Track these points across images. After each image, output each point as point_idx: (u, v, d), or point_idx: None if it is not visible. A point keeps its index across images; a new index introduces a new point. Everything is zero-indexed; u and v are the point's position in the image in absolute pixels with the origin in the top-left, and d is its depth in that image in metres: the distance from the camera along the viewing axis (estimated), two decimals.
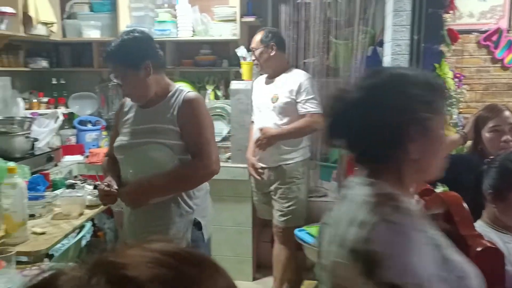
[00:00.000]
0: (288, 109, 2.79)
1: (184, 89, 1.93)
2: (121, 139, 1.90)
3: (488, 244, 1.28)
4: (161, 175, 1.80)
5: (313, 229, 2.75)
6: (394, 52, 2.72)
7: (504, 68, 3.58)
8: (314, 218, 3.08)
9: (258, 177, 2.91)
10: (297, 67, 3.24)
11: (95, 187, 2.18)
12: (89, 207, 2.14)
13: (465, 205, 1.41)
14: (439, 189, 2.23)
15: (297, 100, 2.76)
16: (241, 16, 3.39)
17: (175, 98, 1.87)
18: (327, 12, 3.43)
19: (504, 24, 3.51)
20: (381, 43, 3.24)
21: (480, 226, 1.60)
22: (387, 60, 2.85)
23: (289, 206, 2.83)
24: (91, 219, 2.25)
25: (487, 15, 3.54)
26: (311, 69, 3.42)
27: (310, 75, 3.05)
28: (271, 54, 2.81)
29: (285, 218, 2.84)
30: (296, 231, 2.83)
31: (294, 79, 2.80)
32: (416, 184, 1.19)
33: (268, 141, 2.76)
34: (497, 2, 3.50)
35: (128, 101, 1.98)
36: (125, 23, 3.38)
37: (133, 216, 1.87)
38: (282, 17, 3.46)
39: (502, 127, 1.95)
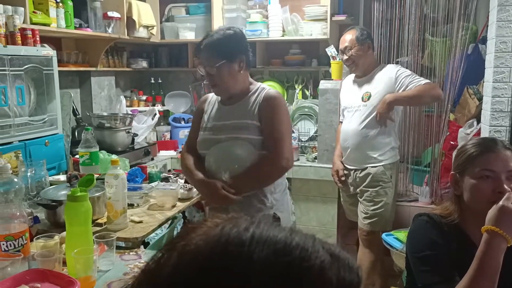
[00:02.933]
0: None
1: (266, 87, 1.99)
2: (204, 135, 1.99)
3: None
4: (243, 174, 1.88)
5: (401, 234, 2.64)
6: (499, 49, 2.52)
7: None
8: (403, 222, 2.97)
9: (339, 184, 2.90)
10: None
11: (186, 181, 2.29)
12: (181, 200, 2.25)
13: None
14: None
15: (402, 86, 2.65)
16: (332, 15, 3.36)
17: (257, 95, 1.94)
18: (423, 8, 3.27)
19: None
20: (483, 40, 3.02)
21: None
22: (490, 59, 2.65)
23: (375, 210, 2.74)
24: (183, 212, 2.36)
25: None
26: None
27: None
28: (368, 52, 2.76)
29: (370, 221, 2.76)
30: (384, 236, 2.74)
31: (388, 72, 2.73)
32: None
33: (387, 107, 2.64)
34: None
35: (210, 98, 2.07)
36: (218, 24, 3.51)
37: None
38: (374, 14, 3.36)
39: None
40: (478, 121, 2.91)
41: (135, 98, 3.91)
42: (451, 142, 3.13)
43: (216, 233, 0.50)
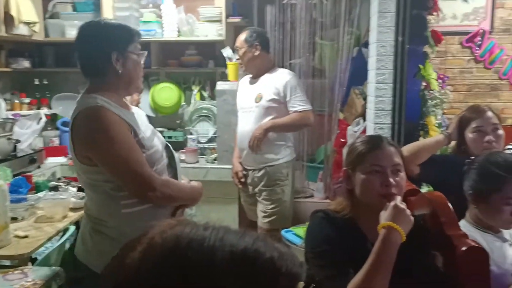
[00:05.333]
0: (272, 109, 2.76)
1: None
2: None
3: (473, 244, 1.30)
4: None
5: (300, 229, 2.75)
6: (379, 53, 2.74)
7: (487, 69, 3.63)
8: (301, 219, 3.09)
9: (239, 186, 2.94)
10: (283, 67, 3.24)
11: (79, 189, 2.14)
12: (73, 209, 2.11)
13: (450, 205, 1.43)
14: (424, 189, 2.25)
15: (286, 99, 2.75)
16: (227, 17, 3.38)
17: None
18: (312, 13, 3.44)
19: (486, 26, 3.56)
20: (366, 44, 3.26)
21: (464, 226, 1.62)
22: (372, 61, 2.87)
23: (273, 208, 2.82)
24: (75, 222, 2.21)
25: (470, 17, 3.58)
26: (297, 70, 3.42)
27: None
28: (255, 54, 2.80)
29: (270, 219, 2.83)
30: (283, 232, 2.83)
31: (279, 78, 2.79)
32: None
33: (264, 133, 2.73)
34: (480, 4, 3.55)
35: None
36: None
37: None
38: (267, 18, 3.46)
39: (485, 128, 1.97)
40: (365, 120, 3.13)
41: (17, 101, 3.57)
42: (341, 140, 3.34)
43: (177, 232, 0.58)
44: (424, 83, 2.77)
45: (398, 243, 1.26)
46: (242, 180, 2.91)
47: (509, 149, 3.12)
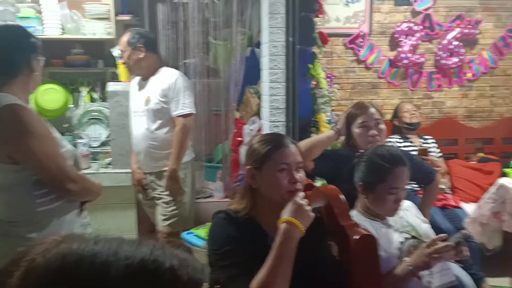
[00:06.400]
0: (160, 112, 2.69)
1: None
2: None
3: (364, 232, 1.39)
4: None
5: (201, 231, 2.73)
6: (271, 53, 2.82)
7: (367, 68, 3.94)
8: (202, 219, 3.07)
9: (141, 192, 2.86)
10: (177, 67, 3.19)
11: None
12: None
13: (342, 197, 1.52)
14: (318, 183, 2.37)
15: (170, 100, 2.67)
16: (116, 15, 3.24)
17: None
18: (205, 13, 3.43)
19: (365, 29, 3.85)
20: (258, 44, 3.34)
21: (355, 215, 1.74)
22: (265, 61, 2.94)
23: (173, 210, 2.76)
24: None
25: (351, 20, 3.85)
26: (192, 70, 3.39)
27: (187, 74, 3.02)
28: (140, 56, 2.68)
29: (170, 222, 2.77)
30: (184, 234, 2.79)
31: (165, 79, 2.71)
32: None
33: (174, 183, 2.69)
34: (359, 8, 3.83)
35: None
36: None
37: None
38: (159, 16, 3.37)
39: (369, 123, 2.13)
40: (260, 118, 3.21)
41: None
42: (238, 139, 3.38)
43: (63, 250, 0.53)
44: (314, 82, 2.92)
45: (298, 238, 1.30)
46: (146, 187, 2.82)
47: (389, 141, 3.43)
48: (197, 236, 2.72)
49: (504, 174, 2.55)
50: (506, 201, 2.34)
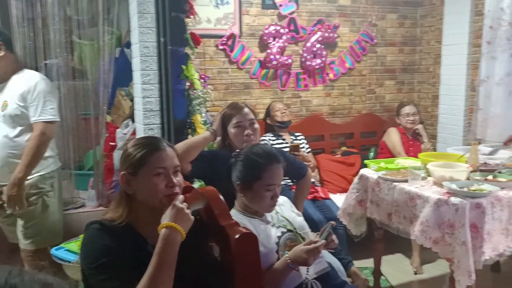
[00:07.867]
0: (20, 118, 2.45)
1: None
2: None
3: (244, 231, 1.42)
4: None
5: (73, 244, 2.53)
6: (143, 53, 2.73)
7: (240, 69, 4.03)
8: (73, 232, 2.84)
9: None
10: (37, 68, 2.91)
11: None
12: None
13: (221, 197, 1.53)
14: (196, 184, 2.36)
15: (29, 105, 2.44)
16: None
17: None
18: (67, 10, 3.18)
19: (236, 30, 3.94)
20: (128, 45, 3.21)
21: (234, 214, 1.76)
22: (136, 62, 2.84)
23: (37, 225, 2.52)
24: None
25: (222, 21, 3.90)
26: (55, 71, 3.12)
27: (49, 76, 2.78)
28: (0, 55, 2.44)
29: (34, 239, 2.52)
30: (53, 250, 2.55)
31: (24, 82, 2.47)
32: None
33: (15, 193, 2.38)
34: (229, 10, 3.90)
35: None
36: None
37: None
38: (13, 12, 3.03)
39: (244, 123, 2.18)
40: (133, 121, 3.09)
41: None
42: (111, 143, 3.21)
43: None
44: (188, 83, 2.90)
45: (179, 242, 1.28)
46: (3, 202, 2.48)
47: (263, 140, 3.56)
48: (69, 251, 2.51)
49: (364, 166, 2.81)
50: (367, 189, 2.58)
